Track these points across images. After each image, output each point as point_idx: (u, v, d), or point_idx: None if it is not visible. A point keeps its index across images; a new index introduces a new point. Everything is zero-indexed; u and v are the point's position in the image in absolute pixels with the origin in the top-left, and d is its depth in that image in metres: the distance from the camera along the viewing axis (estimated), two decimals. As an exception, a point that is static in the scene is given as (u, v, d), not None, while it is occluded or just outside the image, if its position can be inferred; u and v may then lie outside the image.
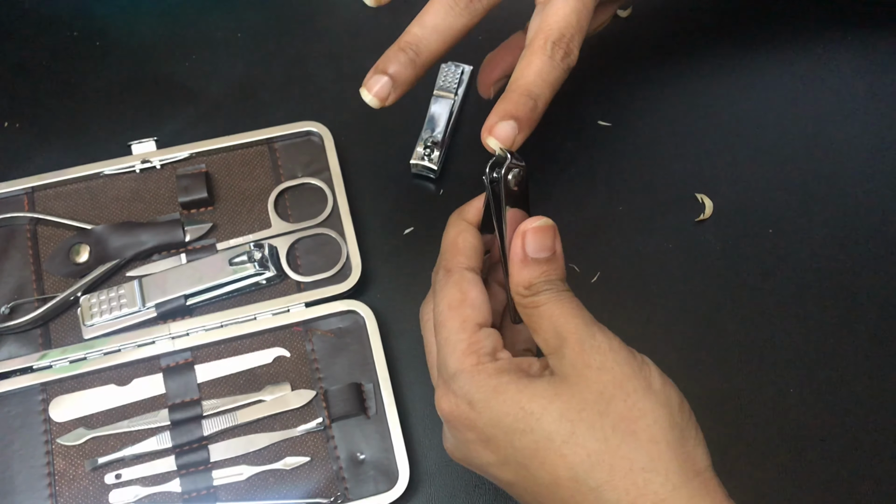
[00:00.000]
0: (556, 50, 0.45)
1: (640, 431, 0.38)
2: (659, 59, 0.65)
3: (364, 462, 0.52)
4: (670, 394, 0.39)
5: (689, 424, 0.39)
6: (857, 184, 0.60)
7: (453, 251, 0.45)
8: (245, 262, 0.55)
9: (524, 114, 0.44)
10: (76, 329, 0.54)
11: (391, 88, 0.46)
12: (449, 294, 0.43)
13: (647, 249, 0.58)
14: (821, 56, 0.65)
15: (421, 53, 0.46)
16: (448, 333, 0.42)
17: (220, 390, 0.54)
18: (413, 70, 0.46)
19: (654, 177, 0.60)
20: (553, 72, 0.45)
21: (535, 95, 0.45)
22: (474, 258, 0.45)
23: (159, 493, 0.51)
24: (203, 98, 0.63)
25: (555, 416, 0.39)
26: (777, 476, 0.52)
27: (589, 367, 0.39)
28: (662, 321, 0.56)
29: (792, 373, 0.55)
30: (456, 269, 0.44)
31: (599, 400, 0.38)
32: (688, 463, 0.38)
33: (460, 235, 0.45)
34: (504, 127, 0.44)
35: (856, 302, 0.57)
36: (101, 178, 0.58)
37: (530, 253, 0.42)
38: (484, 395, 0.40)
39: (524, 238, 0.42)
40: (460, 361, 0.41)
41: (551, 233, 0.42)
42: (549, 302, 0.41)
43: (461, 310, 0.42)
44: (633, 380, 0.39)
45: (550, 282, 0.42)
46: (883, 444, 0.53)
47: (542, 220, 0.42)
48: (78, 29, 0.65)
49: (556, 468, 0.38)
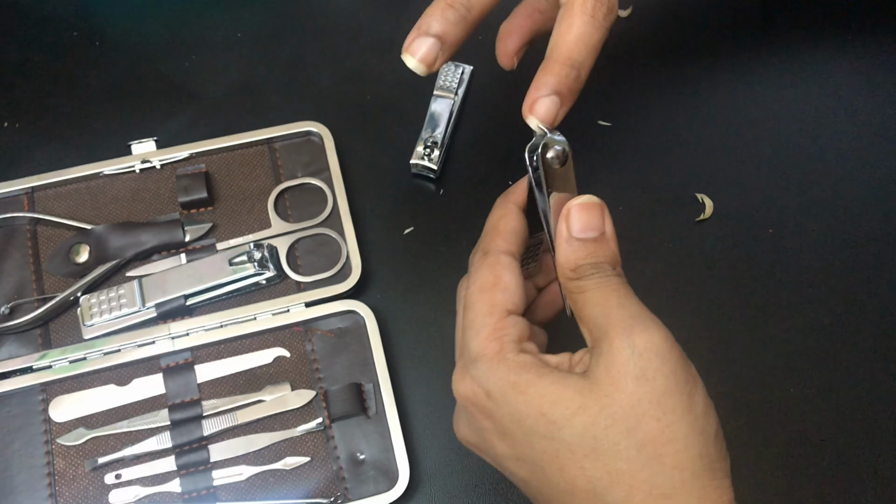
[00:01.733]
0: (598, 7, 0.41)
1: (667, 456, 0.35)
2: (659, 59, 0.65)
3: (364, 462, 0.52)
4: (710, 420, 0.37)
5: (720, 456, 0.37)
6: (857, 184, 0.60)
7: (493, 234, 0.42)
8: (245, 262, 0.55)
9: (566, 86, 0.41)
10: (76, 329, 0.54)
11: (439, 50, 0.41)
12: (482, 276, 0.41)
13: (647, 249, 0.58)
14: (821, 56, 0.65)
15: (473, 8, 0.41)
16: (475, 316, 0.40)
17: (220, 390, 0.54)
18: (464, 28, 0.41)
19: (654, 177, 0.60)
20: (596, 33, 0.41)
21: (577, 64, 0.41)
22: (514, 242, 0.42)
23: (159, 493, 0.51)
24: (203, 98, 0.63)
25: (578, 430, 0.36)
26: (777, 476, 0.52)
27: (626, 375, 0.36)
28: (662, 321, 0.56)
29: (792, 373, 0.55)
30: (493, 251, 0.42)
31: (630, 416, 0.36)
32: (712, 495, 0.36)
33: (503, 218, 0.43)
34: (546, 103, 0.40)
35: (856, 302, 0.57)
36: (101, 178, 0.58)
37: (575, 233, 0.39)
38: (502, 389, 0.38)
39: (569, 216, 0.39)
40: (483, 346, 0.39)
41: (598, 211, 0.39)
42: (595, 288, 0.38)
43: (492, 293, 0.40)
44: (674, 397, 0.36)
45: (598, 265, 0.39)
46: (883, 444, 0.53)
47: (588, 197, 0.39)
48: (78, 29, 0.65)
49: (574, 479, 0.37)
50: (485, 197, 0.60)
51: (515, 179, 0.60)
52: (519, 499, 0.52)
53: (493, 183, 0.60)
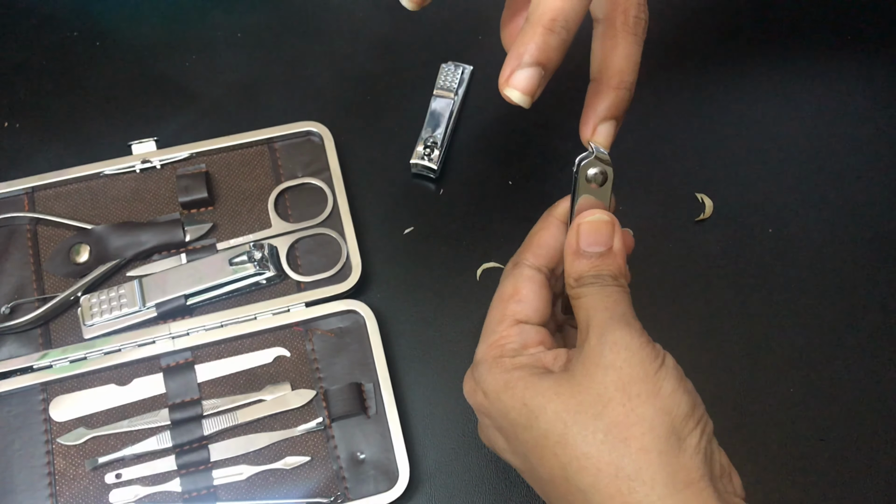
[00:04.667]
0: (639, 24, 0.41)
1: (632, 439, 0.37)
2: (659, 59, 0.65)
3: (364, 462, 0.52)
4: (679, 400, 0.38)
5: (694, 433, 0.38)
6: (858, 183, 0.60)
7: (527, 244, 0.45)
8: (245, 262, 0.55)
9: (623, 109, 0.42)
10: (76, 329, 0.54)
11: (541, 80, 0.38)
12: (504, 286, 0.44)
13: (647, 249, 0.58)
14: (821, 56, 0.65)
15: (571, 30, 0.38)
16: (488, 322, 0.43)
17: (221, 390, 0.54)
18: (563, 53, 0.38)
19: (654, 177, 0.61)
20: (639, 49, 0.41)
21: (629, 85, 0.42)
22: (544, 257, 0.44)
23: (159, 493, 0.51)
24: (203, 98, 0.63)
25: (550, 416, 0.38)
26: (777, 476, 0.52)
27: (597, 365, 0.38)
28: (662, 321, 0.56)
29: (792, 373, 0.55)
30: (521, 263, 0.44)
31: (597, 402, 0.38)
32: (679, 474, 0.37)
33: (539, 232, 0.45)
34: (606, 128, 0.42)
35: (856, 302, 0.57)
36: (102, 178, 0.58)
37: (583, 246, 0.41)
38: (495, 388, 0.41)
39: (578, 230, 0.42)
40: (485, 352, 0.42)
41: (607, 228, 0.42)
42: (589, 294, 0.41)
43: (508, 303, 0.43)
44: (640, 383, 0.38)
45: (599, 276, 0.41)
46: (883, 444, 0.53)
47: (598, 215, 0.42)
48: (78, 29, 0.65)
49: (551, 466, 0.39)
50: (485, 197, 0.60)
51: (515, 179, 0.60)
52: (518, 499, 0.52)
53: (493, 183, 0.60)
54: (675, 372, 0.39)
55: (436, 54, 0.63)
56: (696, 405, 0.39)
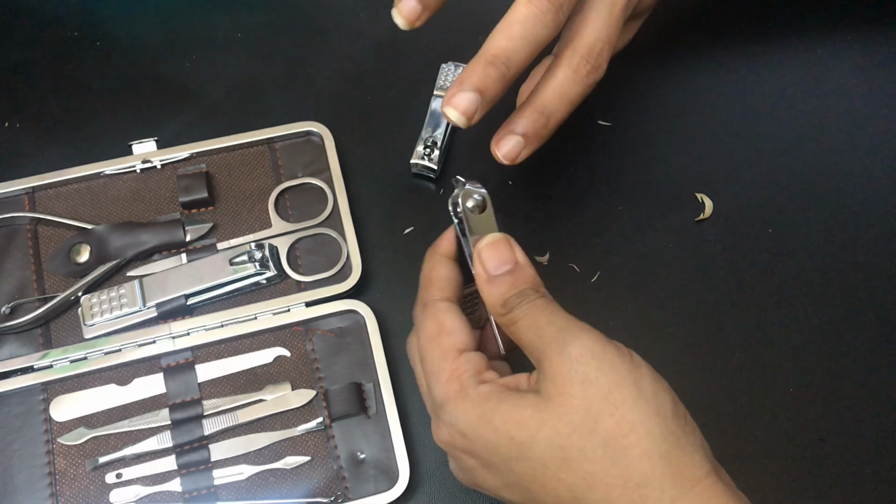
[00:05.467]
0: (583, 64, 0.45)
1: (631, 447, 0.37)
2: (659, 58, 0.65)
3: (364, 462, 0.52)
4: (663, 399, 0.38)
5: (686, 429, 0.38)
6: (857, 184, 0.60)
7: (427, 285, 0.44)
8: (245, 262, 0.55)
9: (533, 130, 0.45)
10: (77, 329, 0.54)
11: (479, 105, 0.43)
12: (427, 326, 0.43)
13: (647, 249, 0.58)
14: (821, 56, 0.65)
15: (511, 67, 0.43)
16: (430, 365, 0.42)
17: (221, 390, 0.54)
18: (503, 85, 0.44)
19: (654, 177, 0.61)
20: (574, 87, 0.45)
21: (548, 112, 0.44)
22: (447, 289, 0.44)
23: (160, 493, 0.51)
24: (203, 98, 0.63)
25: (544, 445, 0.38)
26: (777, 476, 0.52)
27: (571, 382, 0.38)
28: (662, 321, 0.56)
29: (792, 373, 0.55)
30: (430, 301, 0.44)
31: (587, 419, 0.37)
32: (685, 472, 0.37)
33: (433, 269, 0.45)
34: (511, 142, 0.45)
35: (856, 302, 0.57)
36: (102, 178, 0.58)
37: (490, 270, 0.41)
38: (471, 424, 0.40)
39: (480, 258, 0.42)
40: (444, 390, 0.41)
41: (505, 245, 0.42)
42: (524, 315, 0.40)
43: (440, 339, 0.42)
44: (621, 389, 0.38)
45: (522, 293, 0.41)
46: (883, 444, 0.53)
47: (492, 236, 0.42)
48: (78, 29, 0.65)
49: (556, 490, 0.38)
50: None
51: (514, 180, 0.60)
52: (519, 498, 0.52)
53: (493, 183, 0.60)
54: (648, 369, 0.39)
55: (436, 54, 0.63)
56: (676, 400, 0.39)
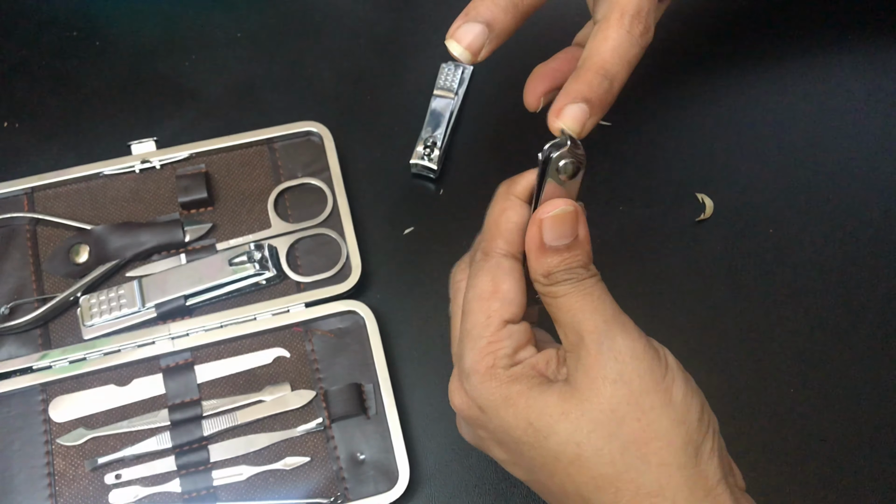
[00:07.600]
0: (636, 24, 0.39)
1: (652, 455, 0.36)
2: (659, 59, 0.64)
3: (364, 462, 0.52)
4: (691, 406, 0.37)
5: (707, 436, 0.37)
6: (857, 184, 0.60)
7: (494, 232, 0.40)
8: (245, 263, 0.55)
9: (598, 96, 0.39)
10: (76, 329, 0.54)
11: (486, 39, 0.39)
12: (480, 283, 0.39)
13: (647, 249, 0.58)
14: (821, 56, 0.65)
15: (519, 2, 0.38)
16: (471, 326, 0.39)
17: (220, 390, 0.54)
18: (514, 17, 0.39)
19: (654, 177, 0.60)
20: (632, 49, 0.40)
21: (611, 75, 0.39)
22: (515, 242, 0.40)
23: (159, 493, 0.51)
24: (203, 98, 0.63)
25: (562, 438, 0.37)
26: (777, 476, 0.52)
27: (604, 379, 0.36)
28: (662, 321, 0.56)
29: (792, 372, 0.55)
30: (493, 253, 0.40)
31: (611, 419, 0.36)
32: (699, 482, 0.36)
33: (504, 214, 0.40)
34: (574, 110, 0.38)
35: (856, 302, 0.57)
36: (101, 179, 0.58)
37: (548, 241, 0.38)
38: (494, 403, 0.38)
39: (541, 226, 0.38)
40: (476, 361, 0.39)
41: (571, 219, 0.38)
42: (568, 293, 0.38)
43: (489, 302, 0.39)
44: (652, 394, 0.36)
45: (571, 270, 0.38)
46: (883, 444, 0.53)
47: (564, 208, 0.38)
48: (78, 29, 0.65)
49: (563, 483, 0.38)
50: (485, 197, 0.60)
51: (515, 179, 0.60)
52: (519, 499, 0.52)
53: (494, 183, 0.60)
54: (680, 372, 0.38)
55: (436, 54, 0.63)
56: (703, 404, 0.38)
